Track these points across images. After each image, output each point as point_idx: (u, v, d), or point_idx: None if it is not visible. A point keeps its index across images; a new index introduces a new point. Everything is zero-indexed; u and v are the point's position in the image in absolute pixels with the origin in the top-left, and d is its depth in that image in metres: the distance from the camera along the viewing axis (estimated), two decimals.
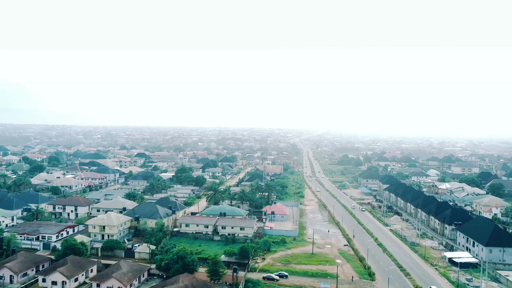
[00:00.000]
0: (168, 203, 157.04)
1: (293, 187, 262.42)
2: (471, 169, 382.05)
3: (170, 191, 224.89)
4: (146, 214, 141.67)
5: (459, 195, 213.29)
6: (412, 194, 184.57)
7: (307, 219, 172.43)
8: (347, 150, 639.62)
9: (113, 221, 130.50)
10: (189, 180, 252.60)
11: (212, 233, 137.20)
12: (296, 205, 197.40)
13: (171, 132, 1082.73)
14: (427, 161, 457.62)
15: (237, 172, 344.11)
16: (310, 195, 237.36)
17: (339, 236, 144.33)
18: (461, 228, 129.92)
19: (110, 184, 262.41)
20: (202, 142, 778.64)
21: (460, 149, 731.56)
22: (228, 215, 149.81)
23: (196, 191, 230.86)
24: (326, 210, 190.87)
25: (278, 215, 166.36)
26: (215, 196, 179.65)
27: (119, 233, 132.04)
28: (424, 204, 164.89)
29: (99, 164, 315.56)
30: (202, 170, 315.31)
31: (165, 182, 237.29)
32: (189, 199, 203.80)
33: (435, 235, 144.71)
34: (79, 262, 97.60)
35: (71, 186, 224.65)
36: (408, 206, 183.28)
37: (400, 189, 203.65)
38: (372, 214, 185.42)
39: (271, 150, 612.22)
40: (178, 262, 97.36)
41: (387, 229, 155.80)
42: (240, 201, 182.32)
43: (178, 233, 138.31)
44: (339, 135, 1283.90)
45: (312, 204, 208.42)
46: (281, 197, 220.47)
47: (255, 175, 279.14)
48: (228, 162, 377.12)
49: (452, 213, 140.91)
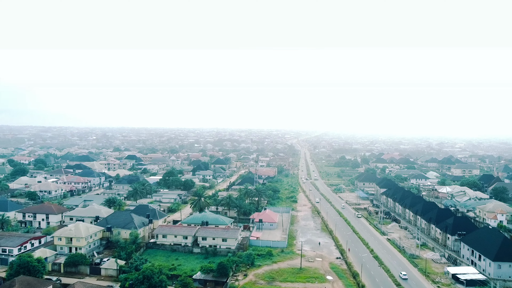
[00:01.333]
0: (146, 210, 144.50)
1: (287, 191, 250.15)
2: (471, 171, 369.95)
3: (155, 196, 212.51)
4: (120, 224, 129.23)
5: (461, 199, 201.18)
6: (411, 199, 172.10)
7: (299, 226, 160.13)
8: (345, 151, 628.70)
9: (81, 232, 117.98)
10: (177, 184, 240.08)
11: (192, 244, 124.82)
12: (288, 211, 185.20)
13: (168, 133, 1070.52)
14: (426, 162, 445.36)
15: (229, 175, 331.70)
16: (303, 199, 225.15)
17: (331, 247, 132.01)
18: (466, 239, 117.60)
19: (94, 188, 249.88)
20: (199, 144, 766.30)
21: (459, 150, 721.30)
22: (211, 224, 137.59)
23: (183, 196, 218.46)
24: (319, 216, 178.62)
25: (267, 223, 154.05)
26: (200, 202, 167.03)
27: (88, 245, 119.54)
28: (424, 211, 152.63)
29: (85, 167, 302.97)
30: (193, 173, 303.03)
31: (150, 187, 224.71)
32: (174, 205, 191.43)
33: (437, 245, 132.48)
34: (29, 283, 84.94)
35: (50, 191, 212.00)
36: (407, 213, 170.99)
37: (398, 194, 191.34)
38: (369, 221, 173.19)
39: (268, 151, 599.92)
40: (144, 282, 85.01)
41: (384, 239, 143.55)
42: (227, 207, 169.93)
43: (155, 245, 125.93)
44: (337, 136, 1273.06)
45: (305, 209, 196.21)
46: (273, 202, 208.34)
47: (247, 179, 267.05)
48: (221, 164, 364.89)
49: (455, 221, 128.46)
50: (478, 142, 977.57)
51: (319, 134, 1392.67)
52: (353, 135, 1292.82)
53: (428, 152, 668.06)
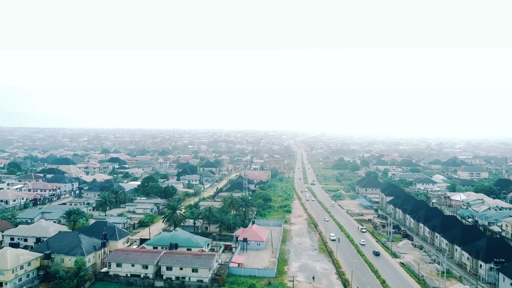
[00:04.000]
0: (102, 229, 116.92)
1: (280, 198, 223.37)
2: (479, 173, 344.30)
3: (129, 206, 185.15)
4: (64, 248, 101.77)
5: (479, 209, 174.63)
6: (426, 211, 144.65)
7: (292, 245, 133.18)
8: (343, 153, 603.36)
9: (6, 262, 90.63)
10: (156, 191, 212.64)
11: (154, 276, 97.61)
12: (280, 224, 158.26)
13: (163, 135, 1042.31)
14: (429, 164, 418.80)
15: (219, 179, 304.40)
16: (299, 208, 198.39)
17: (331, 277, 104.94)
18: (506, 270, 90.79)
19: (64, 196, 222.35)
20: (193, 145, 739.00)
21: (460, 151, 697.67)
22: (181, 246, 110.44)
23: (161, 205, 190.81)
24: (317, 231, 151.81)
25: (253, 242, 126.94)
26: (174, 216, 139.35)
27: (17, 279, 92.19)
28: (444, 227, 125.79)
29: (59, 171, 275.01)
30: (177, 177, 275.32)
31: (125, 195, 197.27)
32: (147, 217, 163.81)
33: (464, 274, 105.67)
34: None
35: (8, 200, 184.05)
36: (421, 228, 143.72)
37: (408, 204, 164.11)
38: (375, 236, 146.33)
39: (263, 153, 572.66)
40: None
41: (397, 263, 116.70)
42: (207, 221, 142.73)
43: (106, 276, 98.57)
44: (334, 136, 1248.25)
45: (300, 221, 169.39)
46: (263, 212, 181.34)
47: (236, 184, 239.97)
48: (211, 167, 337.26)
49: (488, 244, 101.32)
50: (477, 142, 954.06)
51: (316, 135, 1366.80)
52: (351, 136, 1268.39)
53: (428, 153, 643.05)
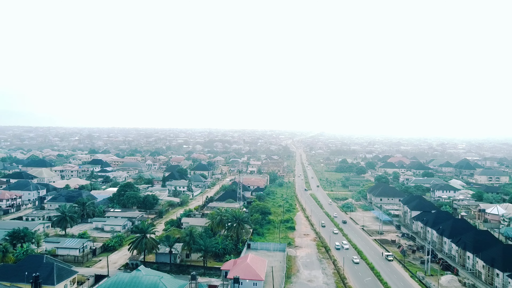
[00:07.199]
0: (35, 267, 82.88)
1: (280, 209, 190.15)
2: (499, 177, 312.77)
3: (96, 221, 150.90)
4: None
5: None
6: (474, 236, 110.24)
7: (299, 283, 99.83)
8: (343, 153, 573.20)
9: None
10: (134, 201, 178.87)
11: None
12: (283, 248, 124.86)
13: (158, 134, 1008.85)
14: (440, 167, 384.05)
15: (211, 184, 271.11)
16: (303, 224, 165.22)
17: None
18: None
19: (25, 206, 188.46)
20: (188, 145, 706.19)
21: (464, 151, 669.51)
22: None
23: (138, 219, 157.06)
24: (330, 259, 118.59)
25: (248, 282, 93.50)
26: (143, 242, 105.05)
27: None
28: (506, 261, 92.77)
29: (27, 175, 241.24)
30: (163, 183, 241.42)
31: (94, 207, 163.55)
32: (115, 239, 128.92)
33: None
34: None
35: None
36: (468, 258, 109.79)
37: (445, 223, 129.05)
38: (405, 267, 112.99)
39: (261, 153, 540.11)
40: None
41: None
42: (187, 248, 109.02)
43: None
44: (333, 136, 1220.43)
45: (307, 243, 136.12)
46: (261, 231, 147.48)
47: (230, 192, 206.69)
48: (203, 170, 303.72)
49: None
50: (479, 143, 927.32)
51: (315, 135, 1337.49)
52: (350, 136, 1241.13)
53: (432, 154, 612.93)
